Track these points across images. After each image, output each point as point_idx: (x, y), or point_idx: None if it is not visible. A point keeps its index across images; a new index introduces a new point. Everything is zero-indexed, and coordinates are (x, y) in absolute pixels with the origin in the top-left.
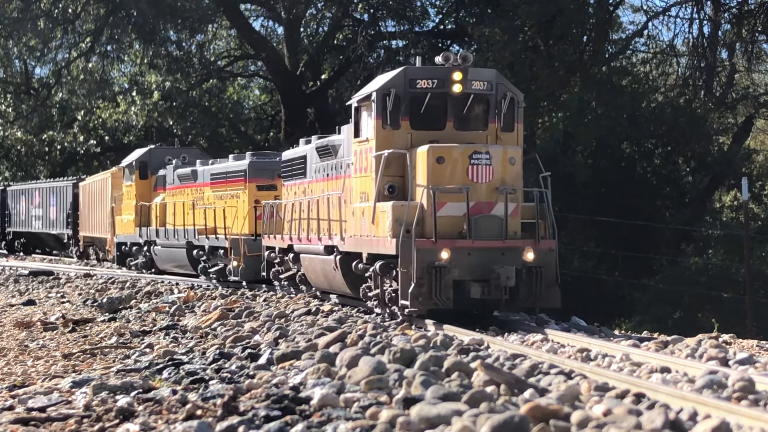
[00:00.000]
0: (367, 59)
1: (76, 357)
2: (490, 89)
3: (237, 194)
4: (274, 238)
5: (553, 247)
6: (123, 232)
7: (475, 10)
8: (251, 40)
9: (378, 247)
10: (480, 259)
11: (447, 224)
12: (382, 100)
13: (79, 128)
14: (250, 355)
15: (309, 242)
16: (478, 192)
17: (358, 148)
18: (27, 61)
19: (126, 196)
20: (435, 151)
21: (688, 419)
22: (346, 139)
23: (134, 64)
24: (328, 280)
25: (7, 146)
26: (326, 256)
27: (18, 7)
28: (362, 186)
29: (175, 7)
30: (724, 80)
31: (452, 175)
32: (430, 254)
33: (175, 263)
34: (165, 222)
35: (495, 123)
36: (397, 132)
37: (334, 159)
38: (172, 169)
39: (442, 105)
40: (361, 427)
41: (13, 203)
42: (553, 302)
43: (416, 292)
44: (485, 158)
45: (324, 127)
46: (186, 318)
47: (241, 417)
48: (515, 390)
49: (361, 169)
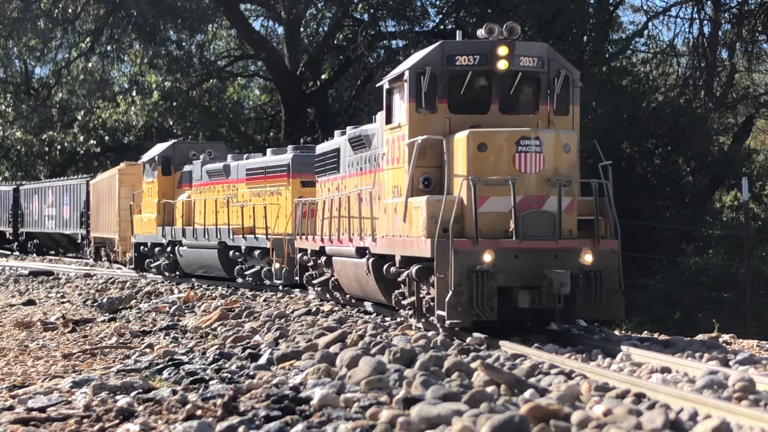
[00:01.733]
0: (367, 59)
1: (76, 357)
2: (541, 66)
3: (278, 191)
4: (306, 240)
5: (616, 248)
6: (142, 232)
7: (475, 10)
8: (251, 40)
9: (411, 248)
10: (529, 262)
11: (490, 222)
12: (415, 80)
13: (79, 128)
14: (250, 355)
15: (341, 244)
16: (526, 184)
17: (390, 136)
18: (27, 61)
19: (147, 193)
20: (476, 136)
21: (689, 419)
22: (379, 127)
23: (134, 64)
24: (361, 286)
25: (7, 146)
26: (358, 259)
27: (18, 7)
28: (395, 179)
29: (175, 7)
30: (724, 80)
31: (496, 165)
32: (471, 257)
33: (204, 266)
34: (192, 221)
35: (547, 105)
36: (434, 116)
37: (368, 151)
38: (200, 165)
39: (485, 85)
40: (361, 427)
41: (26, 203)
42: (616, 312)
43: (454, 302)
44: (535, 145)
45: (324, 128)
46: (186, 318)
47: (241, 417)
48: (515, 390)
49: (393, 159)
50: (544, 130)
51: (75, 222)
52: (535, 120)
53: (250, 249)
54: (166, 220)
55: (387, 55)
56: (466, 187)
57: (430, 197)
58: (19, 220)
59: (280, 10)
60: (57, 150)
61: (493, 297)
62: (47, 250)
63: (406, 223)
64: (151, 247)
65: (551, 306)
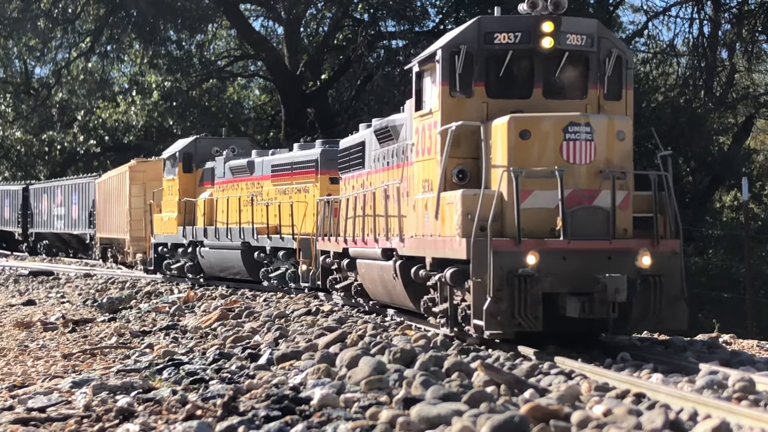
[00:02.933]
0: (367, 59)
1: (76, 357)
2: (591, 44)
3: (306, 188)
4: (329, 241)
5: (677, 248)
6: (162, 232)
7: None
8: (251, 40)
9: (444, 249)
10: (579, 265)
11: (534, 219)
12: (449, 60)
13: (79, 128)
14: (250, 355)
15: (365, 245)
16: (575, 176)
17: (420, 124)
18: (27, 60)
19: (167, 191)
20: (518, 122)
21: (689, 419)
22: (408, 116)
23: (134, 64)
24: (388, 291)
25: (6, 146)
26: (384, 262)
27: (18, 7)
28: (425, 172)
29: (175, 6)
30: (724, 80)
31: (541, 155)
32: (512, 259)
33: (227, 267)
34: (214, 220)
35: (597, 89)
36: (469, 101)
37: (395, 143)
38: (223, 161)
39: (527, 66)
40: (361, 427)
41: (35, 203)
42: (678, 322)
43: (494, 309)
44: (585, 132)
45: (324, 128)
46: (186, 318)
47: (241, 417)
48: (515, 390)
49: (423, 150)
50: (596, 116)
51: (84, 222)
52: (583, 105)
53: (275, 250)
54: (187, 220)
55: (387, 55)
56: (506, 179)
57: (466, 191)
58: (29, 221)
59: (280, 10)
60: (57, 150)
61: (538, 304)
62: (57, 252)
63: (438, 221)
64: (172, 248)
65: (604, 315)
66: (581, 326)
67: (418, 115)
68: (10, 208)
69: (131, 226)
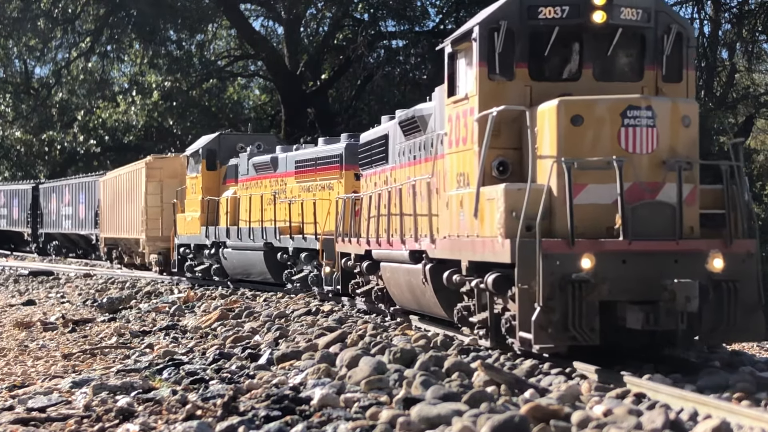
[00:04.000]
0: (367, 59)
1: (76, 357)
2: (647, 20)
3: (330, 185)
4: (349, 242)
5: (753, 249)
6: (186, 232)
7: (475, 10)
8: (251, 40)
9: (483, 251)
10: (641, 269)
11: (589, 217)
12: (487, 38)
13: (79, 128)
14: (250, 355)
15: (390, 247)
16: (635, 167)
17: (453, 112)
18: (27, 60)
19: (190, 189)
20: (569, 106)
21: (689, 419)
22: (438, 105)
23: (134, 64)
24: (416, 298)
25: (6, 146)
26: (412, 265)
27: (18, 6)
28: (459, 165)
29: (175, 6)
30: (724, 80)
31: (596, 143)
32: (565, 262)
33: (250, 269)
34: (237, 220)
35: (654, 69)
36: (510, 84)
37: (423, 135)
38: (246, 158)
39: (575, 44)
40: (361, 427)
41: (44, 202)
42: (754, 333)
43: (544, 321)
44: (646, 116)
45: (324, 127)
46: (186, 318)
47: (241, 417)
48: (515, 390)
49: (457, 140)
50: (658, 98)
51: (90, 222)
52: (638, 88)
53: (298, 251)
54: (210, 219)
55: (387, 55)
56: (556, 171)
57: (509, 186)
58: (38, 221)
59: (280, 10)
60: (57, 150)
61: (595, 315)
62: (67, 252)
63: (476, 219)
64: (195, 249)
65: (671, 327)
66: (642, 339)
67: (451, 101)
68: (19, 207)
69: (147, 225)
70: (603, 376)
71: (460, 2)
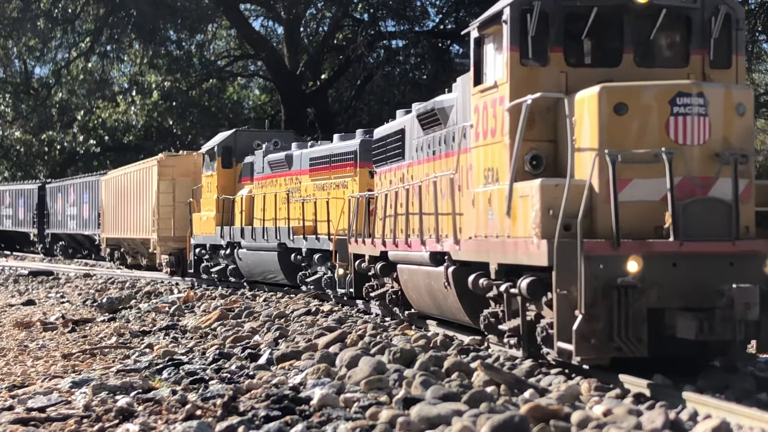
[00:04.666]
0: (367, 59)
1: (76, 357)
2: (693, 0)
3: (344, 183)
4: (363, 243)
5: None
6: (201, 232)
7: (475, 10)
8: (251, 40)
9: (516, 253)
10: (693, 272)
11: (634, 215)
12: (519, 21)
13: (79, 128)
14: (250, 355)
15: (408, 248)
16: (686, 160)
17: (480, 102)
18: (27, 60)
19: (205, 188)
20: (612, 93)
21: (689, 419)
22: (460, 96)
23: (134, 64)
24: (436, 302)
25: (6, 146)
26: (432, 268)
27: (18, 6)
28: (488, 159)
29: (175, 6)
30: None
31: (642, 134)
32: (610, 265)
33: (264, 270)
34: (252, 219)
35: (701, 54)
36: (544, 70)
37: (443, 129)
38: (262, 155)
39: (615, 27)
40: (361, 427)
41: (51, 202)
42: None
43: (586, 330)
44: (697, 104)
45: (324, 128)
46: (186, 318)
47: (240, 417)
48: (515, 390)
49: (485, 132)
50: (710, 84)
51: (93, 222)
52: (684, 75)
53: (312, 251)
54: (225, 219)
55: (387, 55)
56: (598, 165)
57: (545, 181)
58: (45, 221)
59: (280, 10)
60: (56, 150)
61: (643, 323)
62: (73, 253)
63: (508, 218)
64: (210, 250)
65: (727, 337)
66: (692, 350)
67: (477, 90)
68: (25, 207)
69: (159, 225)
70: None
71: (460, 2)
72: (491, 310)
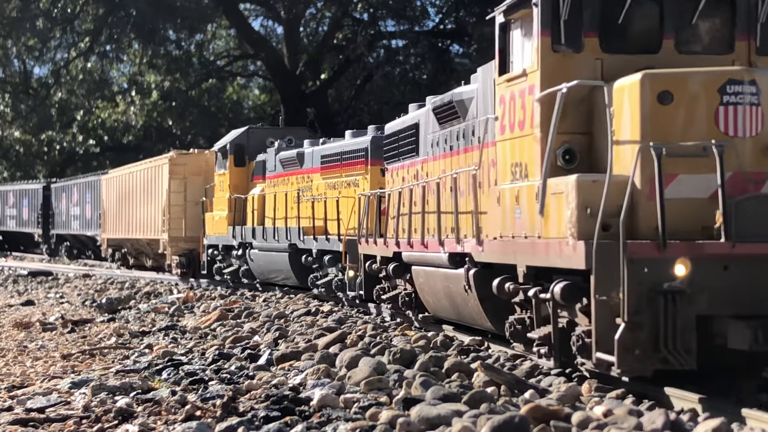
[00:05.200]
0: (367, 59)
1: (75, 358)
2: None
3: (355, 181)
4: (374, 243)
5: None
6: (214, 232)
7: (475, 10)
8: (251, 39)
9: (547, 255)
10: (747, 277)
11: (680, 213)
12: (551, 3)
13: (78, 128)
14: (250, 355)
15: (425, 248)
16: (738, 153)
17: (506, 92)
18: (26, 60)
19: (218, 187)
20: (655, 81)
21: (689, 420)
22: (481, 87)
23: (133, 64)
24: (455, 307)
25: (5, 146)
26: (451, 270)
27: (17, 6)
28: (515, 153)
29: (174, 6)
30: None
31: (688, 125)
32: (655, 269)
33: (275, 271)
34: (264, 219)
35: (747, 40)
36: (578, 57)
37: (462, 123)
38: (274, 153)
39: (655, 10)
40: (361, 427)
41: (56, 202)
42: None
43: (629, 340)
44: (749, 93)
45: (324, 127)
46: (185, 318)
47: (240, 418)
48: (515, 390)
49: (512, 125)
50: (763, 71)
51: (95, 222)
52: (728, 62)
53: (322, 253)
54: (237, 219)
55: (387, 55)
56: (641, 160)
57: (583, 177)
58: (50, 221)
59: (280, 9)
60: (56, 150)
61: (692, 332)
62: (78, 254)
63: (541, 216)
64: (223, 250)
65: None
66: (740, 360)
67: (503, 79)
68: (29, 208)
69: (170, 225)
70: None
71: (460, 2)
72: (518, 317)
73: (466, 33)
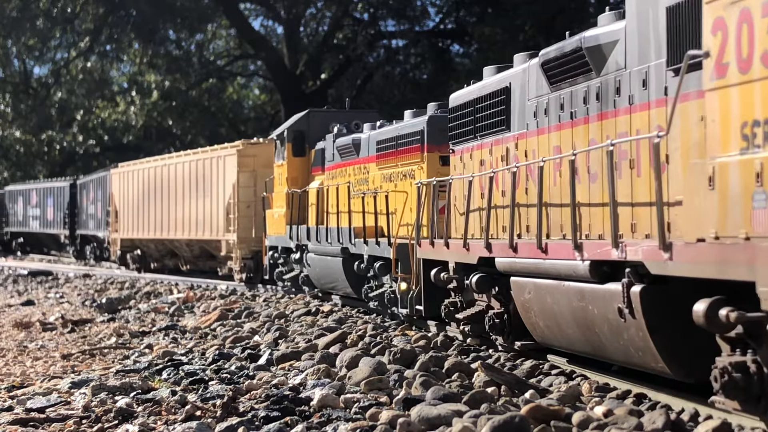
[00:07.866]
0: (367, 59)
1: (75, 357)
2: None
3: (411, 171)
4: (444, 246)
5: None
6: (274, 232)
7: (475, 10)
8: (251, 39)
9: None
10: None
11: None
12: None
13: (78, 128)
14: (250, 355)
15: (543, 254)
16: None
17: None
18: (26, 60)
19: (277, 180)
20: None
21: (690, 420)
22: (635, 21)
23: (133, 64)
24: (592, 336)
25: (5, 146)
26: (592, 285)
27: (17, 6)
28: (752, 106)
29: (174, 6)
30: None
31: None
32: None
33: (331, 279)
34: (320, 218)
35: None
36: None
37: (595, 78)
38: (332, 140)
39: None
40: (361, 427)
41: (80, 200)
42: None
43: None
44: None
45: None
46: (185, 318)
47: (240, 418)
48: (516, 391)
49: (745, 63)
50: None
51: (103, 222)
52: None
53: (374, 259)
54: (294, 217)
55: (387, 55)
56: None
57: None
58: (76, 221)
59: (280, 9)
60: (56, 150)
61: None
62: (101, 255)
63: None
64: (284, 253)
65: None
66: None
67: None
68: (54, 207)
69: (238, 224)
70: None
71: (460, 2)
72: (735, 359)
73: (466, 33)
